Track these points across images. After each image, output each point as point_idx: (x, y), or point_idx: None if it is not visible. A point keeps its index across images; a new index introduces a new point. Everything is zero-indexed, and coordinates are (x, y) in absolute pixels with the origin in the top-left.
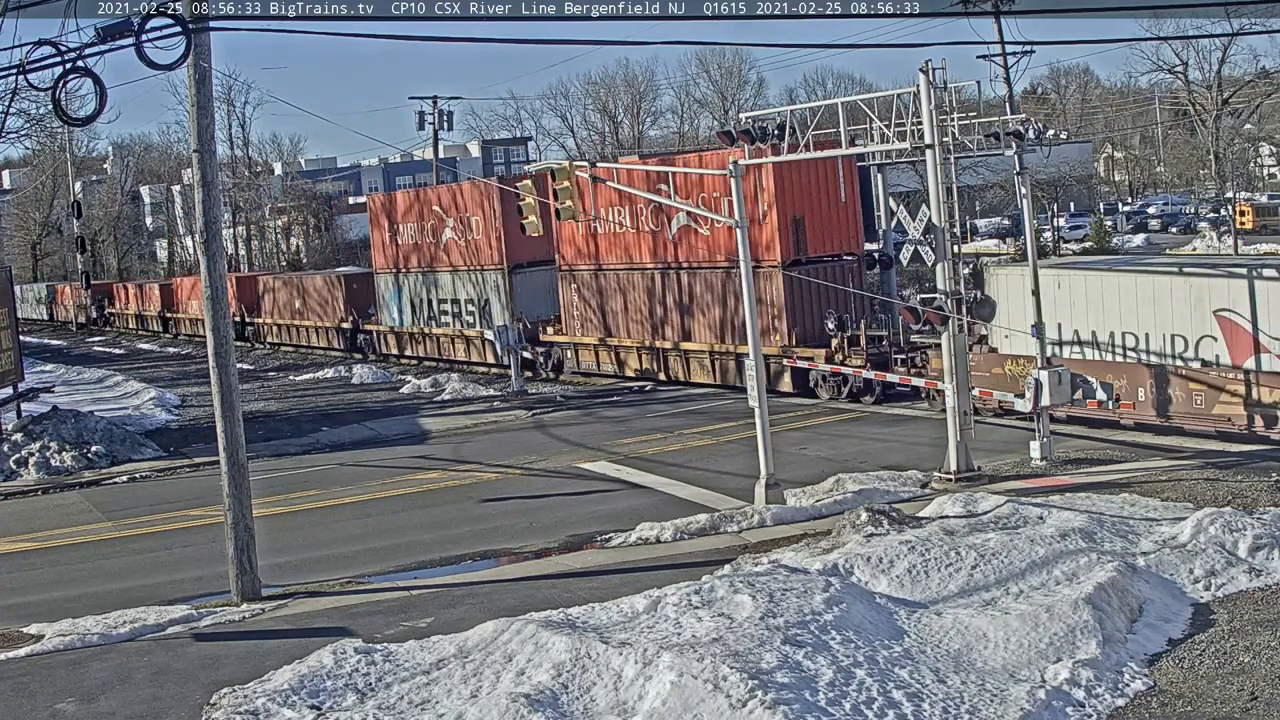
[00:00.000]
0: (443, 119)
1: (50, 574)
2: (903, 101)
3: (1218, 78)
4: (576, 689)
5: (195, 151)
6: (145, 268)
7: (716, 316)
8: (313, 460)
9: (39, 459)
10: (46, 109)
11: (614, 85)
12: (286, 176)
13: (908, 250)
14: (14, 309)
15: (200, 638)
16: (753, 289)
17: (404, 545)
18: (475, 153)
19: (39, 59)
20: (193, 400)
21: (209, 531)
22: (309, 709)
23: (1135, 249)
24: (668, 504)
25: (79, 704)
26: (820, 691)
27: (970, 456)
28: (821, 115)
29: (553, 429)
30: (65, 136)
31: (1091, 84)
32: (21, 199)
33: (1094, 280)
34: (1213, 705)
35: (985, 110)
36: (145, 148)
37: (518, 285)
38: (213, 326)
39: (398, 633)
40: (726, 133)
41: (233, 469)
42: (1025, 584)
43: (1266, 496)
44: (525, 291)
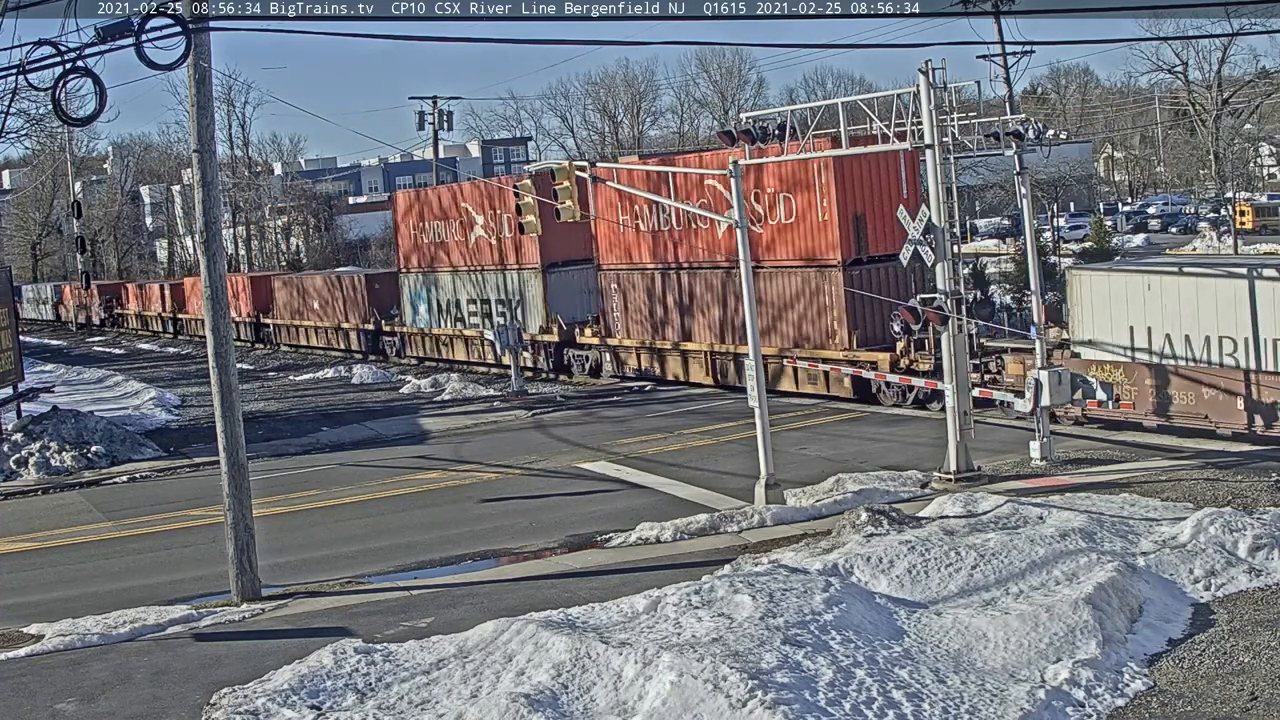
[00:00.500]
0: (443, 119)
1: (50, 574)
2: (903, 101)
3: (1218, 78)
4: (576, 689)
5: (195, 151)
6: (145, 268)
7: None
8: (313, 460)
9: (39, 459)
10: (46, 109)
11: (614, 85)
12: (286, 176)
13: (907, 250)
14: (14, 309)
15: (200, 638)
16: (752, 289)
17: (404, 545)
18: (475, 153)
19: (39, 59)
20: (193, 400)
21: (209, 531)
22: (309, 709)
23: (1135, 249)
24: (668, 504)
25: (79, 704)
26: (820, 691)
27: (970, 456)
28: (821, 115)
29: (553, 429)
30: (65, 136)
31: (1091, 84)
32: (21, 199)
33: (1187, 285)
34: (1213, 705)
35: (985, 110)
36: (145, 148)
37: (552, 285)
38: (213, 326)
39: (398, 633)
40: (727, 133)
41: (233, 469)
42: (1025, 584)
43: (1266, 496)
44: (560, 291)
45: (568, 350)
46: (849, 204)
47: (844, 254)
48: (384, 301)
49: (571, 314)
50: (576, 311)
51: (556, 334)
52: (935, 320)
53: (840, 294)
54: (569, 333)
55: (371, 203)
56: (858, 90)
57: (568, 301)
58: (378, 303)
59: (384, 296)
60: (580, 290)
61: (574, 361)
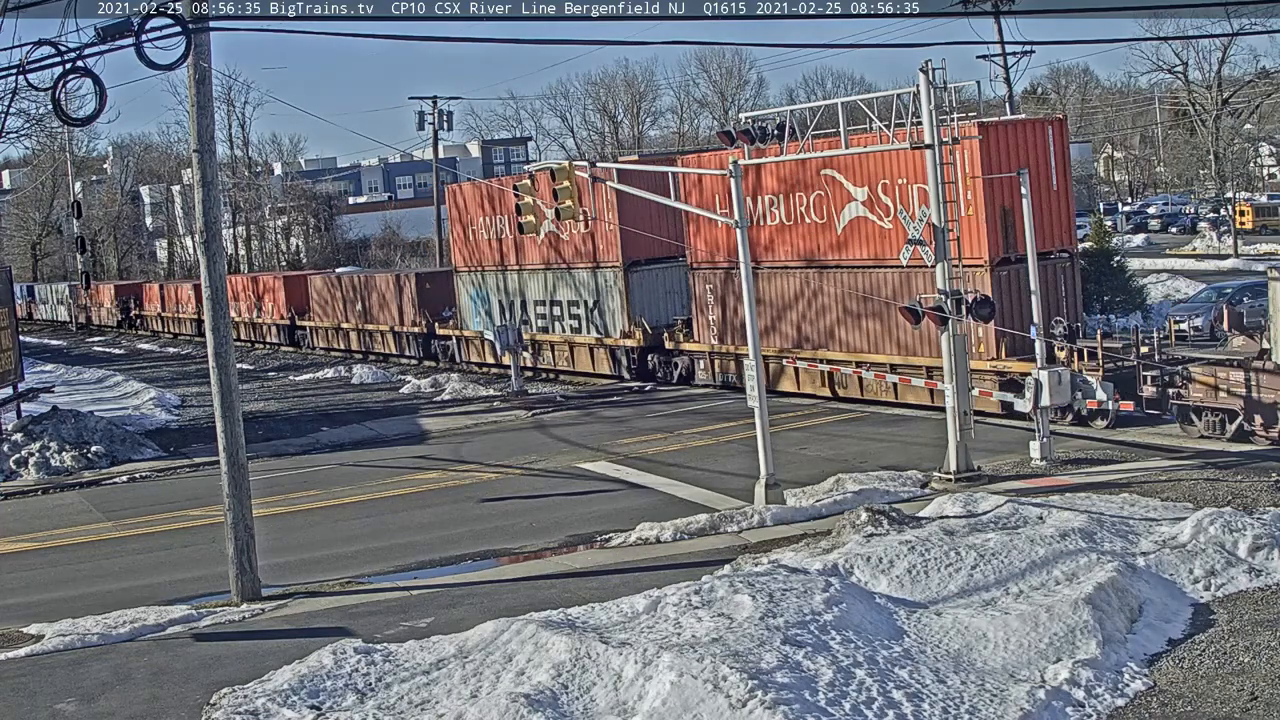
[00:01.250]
0: (443, 119)
1: (50, 574)
2: (903, 101)
3: (1218, 78)
4: (576, 689)
5: (195, 151)
6: (145, 268)
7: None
8: (313, 460)
9: (39, 459)
10: (46, 109)
11: (614, 85)
12: (286, 176)
13: (907, 250)
14: (14, 309)
15: (200, 638)
16: (752, 289)
17: (404, 545)
18: (475, 153)
19: (39, 59)
20: (193, 400)
21: (209, 531)
22: (309, 709)
23: (1135, 249)
24: (667, 504)
25: (79, 704)
26: (820, 691)
27: (970, 456)
28: (821, 115)
29: (552, 429)
30: (65, 136)
31: (1091, 84)
32: (21, 199)
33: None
34: (1213, 705)
35: (985, 110)
36: (145, 148)
37: (635, 284)
38: (213, 326)
39: (398, 633)
40: (726, 133)
41: (233, 469)
42: (1025, 584)
43: (1266, 496)
44: (643, 291)
45: (653, 355)
46: (996, 196)
47: (991, 253)
48: (436, 303)
49: (656, 316)
50: (660, 313)
51: (640, 338)
52: (935, 320)
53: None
54: (654, 337)
55: (371, 203)
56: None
57: (653, 301)
58: (429, 304)
59: (435, 297)
60: (668, 290)
61: (659, 368)
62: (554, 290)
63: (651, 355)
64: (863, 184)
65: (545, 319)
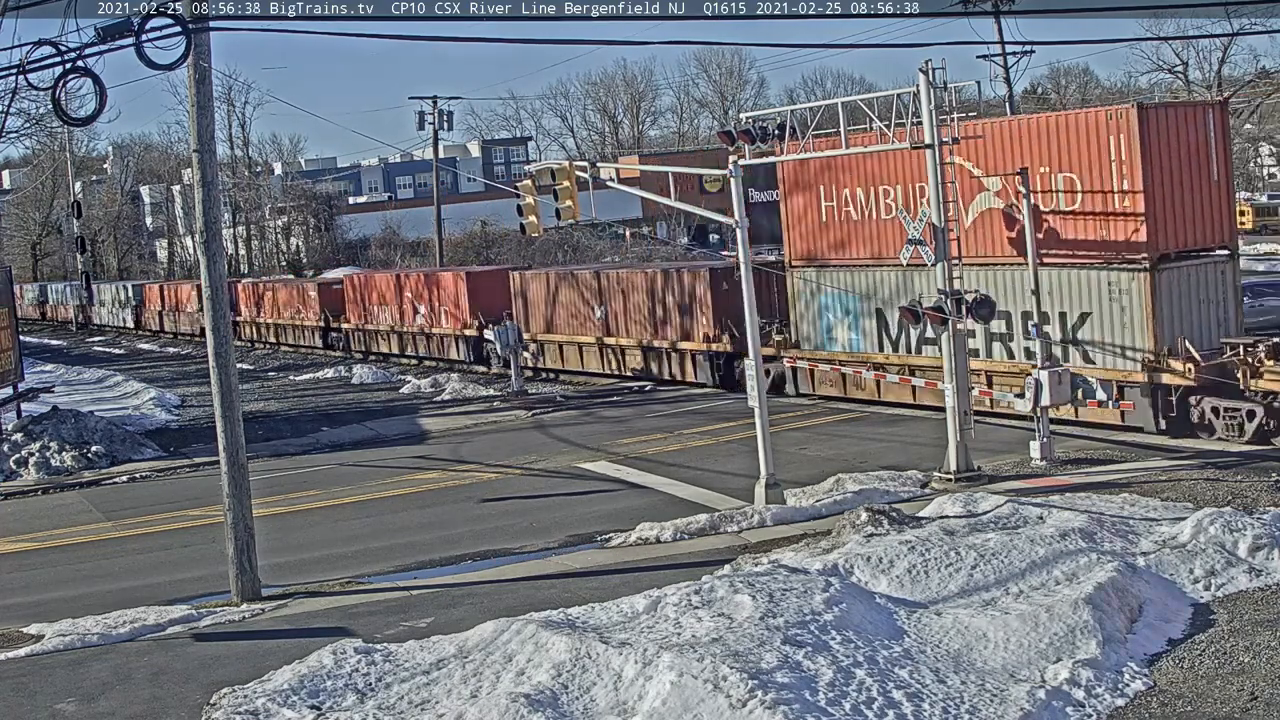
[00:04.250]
0: (443, 119)
1: (50, 574)
2: (903, 101)
3: (1218, 78)
4: (576, 689)
5: (195, 151)
6: (145, 268)
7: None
8: (313, 460)
9: (39, 459)
10: (46, 109)
11: (614, 85)
12: (286, 176)
13: (907, 250)
14: (14, 309)
15: (200, 638)
16: (752, 289)
17: (404, 545)
18: (475, 153)
19: (39, 59)
20: (193, 400)
21: (209, 531)
22: (309, 709)
23: None
24: (668, 504)
25: (79, 704)
26: (820, 691)
27: (970, 456)
28: (821, 115)
29: (552, 429)
30: (65, 136)
31: (1091, 84)
32: (21, 199)
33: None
34: (1213, 705)
35: (985, 110)
36: (145, 148)
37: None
38: (213, 326)
39: (398, 633)
40: (726, 133)
41: (233, 469)
42: (1025, 584)
43: (1266, 496)
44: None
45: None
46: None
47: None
48: (490, 308)
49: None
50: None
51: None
52: (935, 320)
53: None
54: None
55: (371, 203)
56: (858, 90)
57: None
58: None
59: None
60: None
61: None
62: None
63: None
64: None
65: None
